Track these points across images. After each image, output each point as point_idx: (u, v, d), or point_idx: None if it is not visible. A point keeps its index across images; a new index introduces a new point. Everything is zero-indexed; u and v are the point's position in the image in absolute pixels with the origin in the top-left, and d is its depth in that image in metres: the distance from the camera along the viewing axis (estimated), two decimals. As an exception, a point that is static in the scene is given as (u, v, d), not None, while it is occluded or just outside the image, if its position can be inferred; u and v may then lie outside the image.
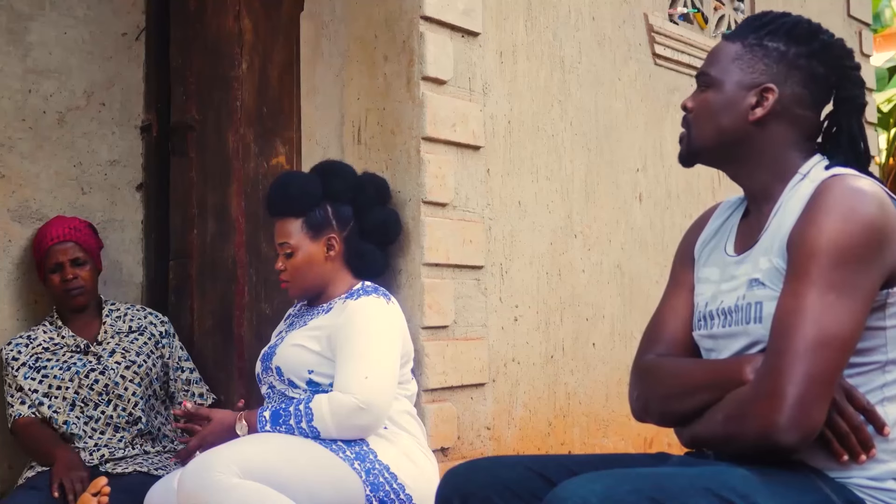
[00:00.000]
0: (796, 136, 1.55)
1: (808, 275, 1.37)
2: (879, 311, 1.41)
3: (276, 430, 2.19)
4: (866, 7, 4.75)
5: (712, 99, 1.58)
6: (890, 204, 1.43)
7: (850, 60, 1.57)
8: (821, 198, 1.42)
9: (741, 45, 1.57)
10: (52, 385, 2.71)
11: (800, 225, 1.42)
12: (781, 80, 1.53)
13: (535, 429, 2.87)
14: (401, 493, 2.19)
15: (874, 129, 4.76)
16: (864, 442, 1.38)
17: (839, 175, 1.45)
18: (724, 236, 1.64)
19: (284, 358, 2.33)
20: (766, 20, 1.59)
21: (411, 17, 2.60)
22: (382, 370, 2.22)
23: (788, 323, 1.36)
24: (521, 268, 2.87)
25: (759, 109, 1.54)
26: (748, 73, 1.55)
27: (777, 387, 1.33)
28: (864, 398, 1.39)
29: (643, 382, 1.61)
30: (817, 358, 1.32)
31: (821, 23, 1.60)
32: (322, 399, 2.18)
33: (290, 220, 2.42)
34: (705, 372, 1.50)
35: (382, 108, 2.67)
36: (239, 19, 3.06)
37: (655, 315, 1.69)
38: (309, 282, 2.42)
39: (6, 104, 3.04)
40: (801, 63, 1.53)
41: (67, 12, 3.19)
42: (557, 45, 3.05)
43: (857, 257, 1.36)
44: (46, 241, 2.82)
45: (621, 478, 1.29)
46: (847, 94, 1.56)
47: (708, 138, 1.59)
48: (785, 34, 1.55)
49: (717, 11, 3.82)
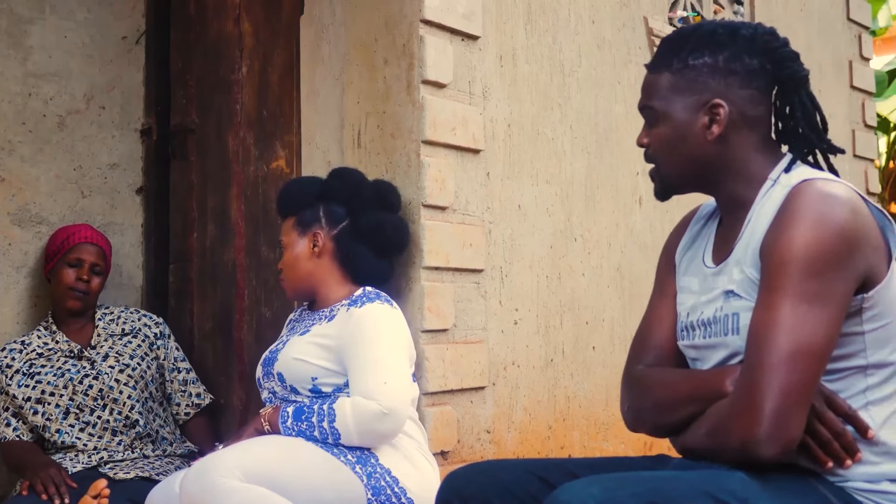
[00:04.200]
0: (759, 138, 1.54)
1: (780, 285, 1.36)
2: (856, 317, 1.40)
3: (297, 425, 2.19)
4: (866, 11, 4.75)
5: (666, 132, 1.56)
6: (862, 207, 1.42)
7: (777, 40, 1.55)
8: (791, 205, 1.41)
9: (670, 73, 1.56)
10: (45, 391, 2.71)
11: (771, 234, 1.42)
12: (723, 90, 1.52)
13: (535, 432, 2.87)
14: (402, 496, 2.19)
15: (874, 132, 4.76)
16: (847, 447, 1.38)
17: (809, 180, 1.43)
18: (702, 245, 1.64)
19: (287, 366, 2.32)
20: (682, 40, 1.57)
21: (411, 20, 2.61)
22: (399, 376, 2.23)
23: (762, 335, 1.36)
24: (521, 271, 2.87)
25: (716, 127, 1.52)
26: (690, 97, 1.53)
27: (754, 401, 1.33)
28: (845, 404, 1.39)
29: (633, 394, 1.62)
30: (792, 370, 1.32)
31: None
32: (345, 402, 2.18)
33: (288, 219, 2.49)
34: (689, 384, 1.51)
35: (382, 112, 2.67)
36: (239, 23, 3.06)
37: (642, 324, 1.69)
38: (298, 279, 2.44)
39: (6, 108, 3.04)
40: (733, 66, 1.52)
41: (67, 16, 3.19)
42: (557, 49, 3.05)
43: (829, 265, 1.35)
44: (77, 238, 2.86)
45: (620, 481, 1.29)
46: (786, 73, 1.54)
47: (677, 172, 1.58)
48: (706, 46, 1.54)
49: (716, 15, 3.82)
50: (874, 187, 4.70)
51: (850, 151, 4.56)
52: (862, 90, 4.65)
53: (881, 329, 1.41)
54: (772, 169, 1.53)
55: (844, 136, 4.52)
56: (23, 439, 2.71)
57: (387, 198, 2.53)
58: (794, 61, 1.54)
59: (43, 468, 2.50)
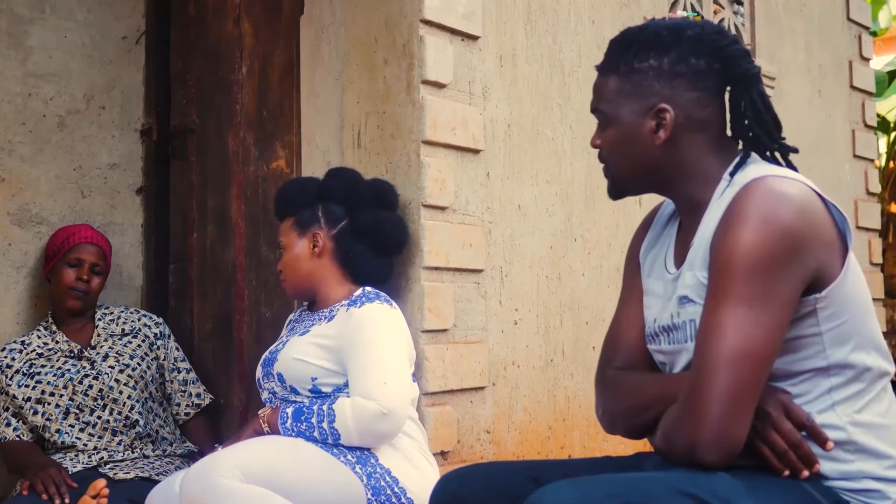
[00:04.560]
0: (710, 139, 1.52)
1: (723, 289, 1.35)
2: (811, 317, 1.38)
3: (296, 426, 2.19)
4: (866, 11, 4.75)
5: (614, 135, 1.55)
6: (813, 205, 1.39)
7: (725, 39, 1.51)
8: (737, 205, 1.38)
9: (617, 77, 1.54)
10: (45, 391, 2.71)
11: (717, 235, 1.39)
12: (669, 94, 1.49)
13: (535, 432, 2.87)
14: (402, 496, 2.19)
15: (874, 132, 4.76)
16: (803, 458, 1.36)
17: (760, 179, 1.40)
18: (663, 247, 1.62)
19: (287, 366, 2.32)
20: (628, 42, 1.55)
21: (411, 20, 2.61)
22: (399, 377, 2.23)
23: (705, 340, 1.35)
24: (521, 271, 2.87)
25: (662, 132, 1.50)
26: (636, 101, 1.52)
27: (696, 405, 1.32)
28: (803, 413, 1.37)
29: (605, 398, 1.62)
30: (733, 374, 1.31)
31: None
32: (345, 402, 2.18)
33: (286, 220, 2.49)
34: (657, 387, 1.51)
35: (382, 112, 2.67)
36: (239, 23, 3.06)
37: (612, 326, 1.68)
38: (298, 279, 2.44)
39: (6, 108, 3.04)
40: (679, 69, 1.49)
41: (67, 16, 3.19)
42: (557, 49, 3.05)
43: (772, 267, 1.33)
44: (77, 238, 2.87)
45: (597, 483, 1.28)
46: (736, 72, 1.51)
47: (626, 173, 1.57)
48: (651, 49, 1.51)
49: (716, 15, 3.82)
50: (874, 187, 4.70)
51: (850, 151, 4.56)
52: (862, 90, 4.65)
53: (839, 327, 1.39)
54: (726, 168, 1.50)
55: (844, 136, 4.52)
56: (23, 439, 2.71)
57: (385, 196, 2.53)
58: (743, 59, 1.50)
59: (43, 468, 2.50)
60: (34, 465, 2.55)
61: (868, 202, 4.64)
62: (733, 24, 3.88)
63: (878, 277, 4.66)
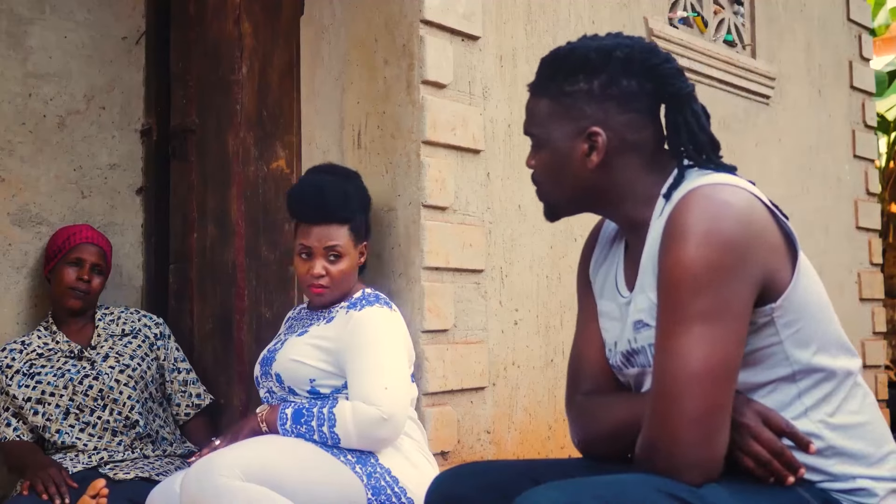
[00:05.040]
0: (645, 159, 1.49)
1: (672, 309, 1.32)
2: (769, 328, 1.36)
3: (296, 428, 2.19)
4: (866, 11, 4.75)
5: (547, 158, 1.54)
6: (755, 210, 1.36)
7: (657, 57, 1.49)
8: (676, 221, 1.35)
9: (548, 100, 1.52)
10: (45, 391, 2.71)
11: (661, 254, 1.36)
12: (601, 117, 1.47)
13: (536, 432, 2.87)
14: (402, 496, 2.19)
15: (874, 132, 4.76)
16: (788, 464, 1.34)
17: (694, 190, 1.37)
18: (612, 267, 1.60)
19: (285, 367, 2.32)
20: (557, 65, 1.53)
21: (411, 20, 2.61)
22: (399, 381, 2.23)
23: (665, 363, 1.31)
24: (522, 271, 2.87)
25: (595, 155, 1.48)
26: (567, 124, 1.49)
27: (670, 432, 1.29)
28: (782, 420, 1.35)
29: (577, 426, 1.60)
30: (701, 395, 1.28)
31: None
32: (346, 407, 2.18)
33: (336, 225, 2.37)
34: (627, 409, 1.49)
35: (382, 112, 2.67)
36: (239, 23, 3.06)
37: (573, 350, 1.66)
38: (345, 287, 2.40)
39: (6, 108, 3.04)
40: (610, 91, 1.47)
41: (67, 16, 3.19)
42: (557, 49, 3.05)
43: (720, 280, 1.29)
44: (78, 238, 2.87)
45: (584, 485, 1.27)
46: (669, 91, 1.48)
47: (559, 196, 1.56)
48: (581, 71, 1.48)
49: (717, 15, 3.82)
50: (874, 187, 4.70)
51: (851, 151, 4.56)
52: (862, 90, 4.65)
53: (798, 332, 1.38)
54: (663, 185, 1.47)
55: (844, 136, 4.52)
56: (23, 439, 2.71)
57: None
58: (675, 78, 1.48)
59: (43, 468, 2.50)
60: (34, 465, 2.55)
61: (868, 202, 4.64)
62: (733, 25, 3.88)
63: (878, 277, 4.66)
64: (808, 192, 4.19)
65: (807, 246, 4.95)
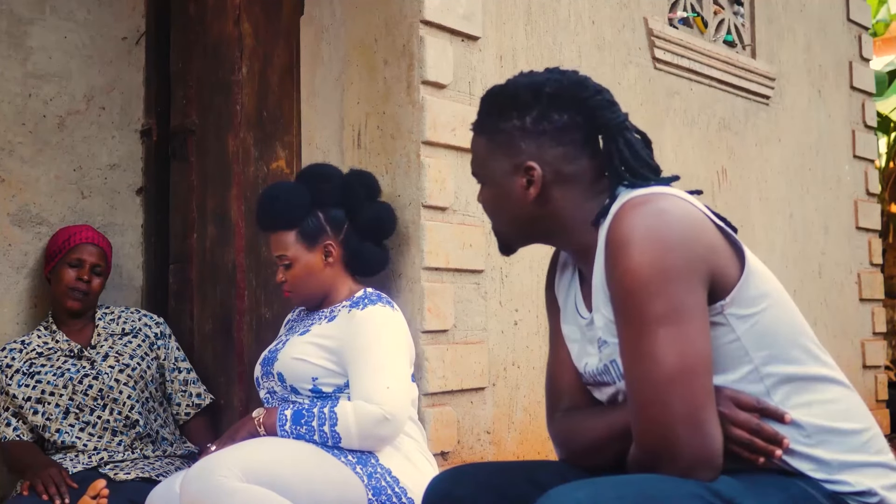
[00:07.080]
0: (584, 189, 1.52)
1: (631, 318, 1.33)
2: (724, 326, 1.37)
3: (295, 429, 2.19)
4: (866, 11, 4.75)
5: (491, 195, 1.57)
6: (690, 213, 1.37)
7: (586, 91, 1.52)
8: (614, 233, 1.37)
9: (485, 138, 1.56)
10: (45, 391, 2.71)
11: (607, 268, 1.39)
12: (535, 152, 1.50)
13: (536, 433, 2.87)
14: (402, 496, 2.19)
15: (874, 132, 4.76)
16: (770, 439, 1.36)
17: (625, 203, 1.39)
18: (571, 291, 1.62)
19: (287, 366, 2.32)
20: (492, 102, 1.56)
21: (411, 21, 2.61)
22: (400, 380, 2.23)
23: (636, 373, 1.32)
24: (521, 272, 2.87)
25: (533, 188, 1.50)
26: (505, 161, 1.53)
27: (662, 440, 1.30)
28: (751, 398, 1.37)
29: (560, 443, 1.62)
30: (683, 393, 1.29)
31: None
32: (347, 406, 2.18)
33: (282, 232, 2.40)
34: (603, 423, 1.50)
35: (382, 112, 2.67)
36: (239, 23, 3.06)
37: (548, 370, 1.68)
38: (311, 290, 2.42)
39: (6, 108, 3.04)
40: (542, 126, 1.50)
41: (67, 16, 3.19)
42: (557, 50, 3.05)
43: (670, 280, 1.31)
44: (78, 238, 2.87)
45: (606, 485, 1.27)
46: (600, 123, 1.51)
47: (507, 231, 1.60)
48: (512, 108, 1.52)
49: (716, 15, 3.82)
50: (874, 187, 4.70)
51: (851, 152, 4.56)
52: (862, 90, 4.65)
53: (753, 327, 1.39)
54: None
55: (844, 137, 4.52)
56: (23, 439, 2.71)
57: (372, 186, 2.54)
58: (605, 109, 1.50)
59: (43, 468, 2.50)
60: (34, 465, 2.55)
61: (868, 202, 4.64)
62: (733, 25, 3.88)
63: (878, 278, 4.66)
64: (807, 192, 4.19)
65: (807, 246, 4.93)
